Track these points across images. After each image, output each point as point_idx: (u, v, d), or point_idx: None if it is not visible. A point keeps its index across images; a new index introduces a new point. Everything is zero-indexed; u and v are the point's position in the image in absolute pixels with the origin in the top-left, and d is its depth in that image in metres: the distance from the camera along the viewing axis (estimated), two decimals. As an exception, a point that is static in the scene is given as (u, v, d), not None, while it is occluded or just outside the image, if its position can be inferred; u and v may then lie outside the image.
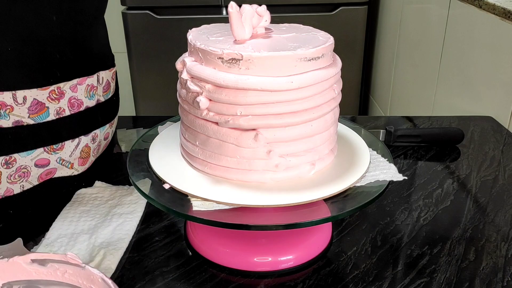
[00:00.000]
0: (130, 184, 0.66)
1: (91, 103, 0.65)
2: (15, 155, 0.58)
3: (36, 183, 0.61)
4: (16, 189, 0.59)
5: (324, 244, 0.56)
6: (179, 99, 0.53)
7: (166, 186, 0.50)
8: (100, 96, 0.67)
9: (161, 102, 1.89)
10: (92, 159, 0.67)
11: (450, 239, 0.58)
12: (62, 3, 0.59)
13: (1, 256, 0.40)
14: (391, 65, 1.71)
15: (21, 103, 0.56)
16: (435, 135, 0.80)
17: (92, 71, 0.65)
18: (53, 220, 0.59)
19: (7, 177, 0.58)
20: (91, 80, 0.65)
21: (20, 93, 0.56)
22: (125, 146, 0.78)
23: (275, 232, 0.54)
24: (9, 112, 0.56)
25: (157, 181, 0.51)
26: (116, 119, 0.73)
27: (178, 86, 0.53)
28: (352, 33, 1.83)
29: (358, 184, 0.50)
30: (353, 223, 0.61)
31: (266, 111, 0.47)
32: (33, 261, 0.40)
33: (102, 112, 0.68)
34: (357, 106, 2.00)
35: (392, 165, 0.54)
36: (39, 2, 0.56)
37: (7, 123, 0.56)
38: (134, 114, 1.99)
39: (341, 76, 0.53)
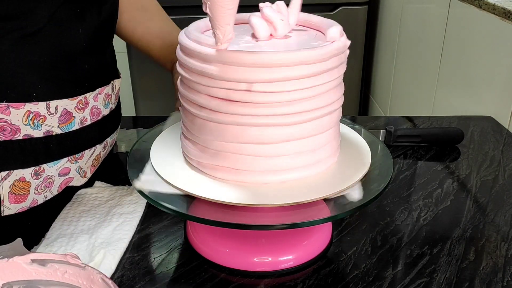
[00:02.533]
0: (130, 184, 0.66)
1: (106, 111, 0.67)
2: (44, 165, 0.59)
3: (56, 192, 0.63)
4: (40, 200, 0.61)
5: (324, 244, 0.56)
6: (180, 99, 0.53)
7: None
8: (113, 104, 0.69)
9: (161, 102, 1.89)
10: (98, 165, 0.69)
11: (450, 239, 0.58)
12: (86, 15, 0.60)
13: (1, 256, 0.40)
14: (391, 65, 1.71)
15: (53, 113, 0.58)
16: (435, 135, 0.80)
17: (108, 80, 0.67)
18: (53, 220, 0.59)
19: (34, 188, 0.59)
20: (108, 89, 0.66)
21: (53, 103, 0.58)
22: (125, 146, 0.78)
23: (275, 232, 0.54)
24: (42, 122, 0.57)
25: (158, 181, 0.51)
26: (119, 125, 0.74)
27: (179, 85, 0.53)
28: (352, 33, 1.83)
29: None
30: (353, 223, 0.61)
31: (272, 112, 0.47)
32: (33, 261, 0.40)
33: (113, 120, 0.70)
34: (357, 106, 2.00)
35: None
36: (67, 16, 0.58)
37: (39, 133, 0.58)
38: (134, 114, 1.99)
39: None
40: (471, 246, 0.57)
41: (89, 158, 0.65)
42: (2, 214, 0.58)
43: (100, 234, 0.56)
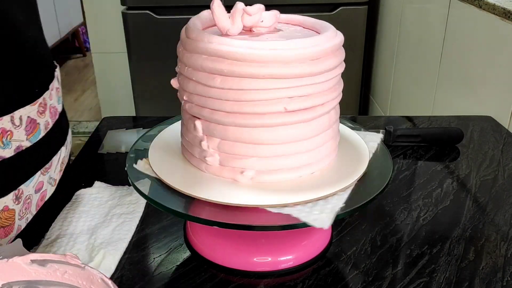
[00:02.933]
0: (130, 184, 0.66)
1: (60, 107, 0.61)
2: (22, 186, 0.53)
3: (34, 212, 0.57)
4: (23, 224, 0.55)
5: (324, 244, 0.56)
6: (179, 96, 0.53)
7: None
8: (61, 96, 0.63)
9: (161, 102, 1.89)
10: (63, 169, 0.63)
11: (449, 238, 0.58)
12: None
13: (1, 257, 0.40)
14: (391, 65, 1.71)
15: (19, 125, 0.51)
16: (434, 134, 0.80)
17: (52, 71, 0.60)
18: (53, 221, 0.59)
19: (18, 213, 0.53)
20: (55, 82, 0.60)
21: (17, 114, 0.50)
22: (125, 146, 0.78)
23: (275, 232, 0.54)
24: (10, 138, 0.50)
25: (157, 181, 0.51)
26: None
27: (179, 83, 0.53)
28: (352, 33, 1.83)
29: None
30: (353, 223, 0.61)
31: (269, 109, 0.47)
32: (33, 261, 0.40)
33: (64, 114, 0.64)
34: (357, 106, 2.00)
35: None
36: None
37: (10, 152, 0.50)
38: (134, 114, 1.99)
39: (341, 76, 0.53)
40: (470, 245, 0.57)
41: (57, 164, 0.60)
42: None
43: (100, 234, 0.56)
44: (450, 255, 0.55)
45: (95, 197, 0.64)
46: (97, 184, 0.67)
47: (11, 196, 0.51)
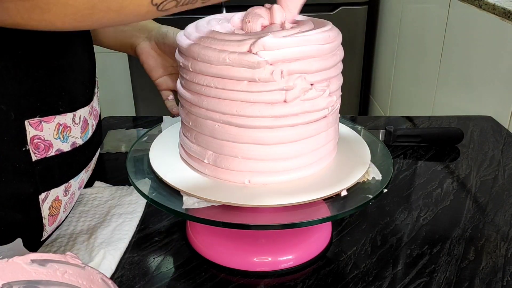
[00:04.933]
0: (130, 184, 0.66)
1: (99, 110, 0.64)
2: (71, 181, 0.56)
3: (71, 207, 0.60)
4: (64, 217, 0.58)
5: (324, 244, 0.56)
6: (179, 99, 0.53)
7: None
8: (99, 100, 0.65)
9: (161, 102, 1.88)
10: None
11: (449, 239, 0.58)
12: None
13: (1, 256, 0.40)
14: (391, 65, 1.71)
15: (77, 123, 0.55)
16: (434, 134, 0.80)
17: (94, 76, 0.63)
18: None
19: (64, 206, 0.56)
20: (96, 87, 0.63)
21: (78, 113, 0.54)
22: (125, 146, 0.78)
23: (275, 232, 0.54)
24: (68, 134, 0.53)
25: (157, 181, 0.51)
26: None
27: (179, 85, 0.53)
28: (352, 33, 1.83)
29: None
30: (353, 223, 0.61)
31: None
32: (33, 261, 0.40)
33: (100, 118, 0.66)
34: (357, 106, 2.00)
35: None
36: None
37: (67, 146, 0.54)
38: (134, 114, 1.99)
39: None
40: (470, 246, 0.57)
41: (94, 164, 0.63)
42: (41, 239, 0.55)
43: (100, 234, 0.56)
44: (450, 255, 0.55)
45: (95, 197, 0.64)
46: (97, 184, 0.67)
47: (62, 188, 0.55)
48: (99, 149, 0.65)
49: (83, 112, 0.55)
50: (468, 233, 0.59)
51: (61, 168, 0.54)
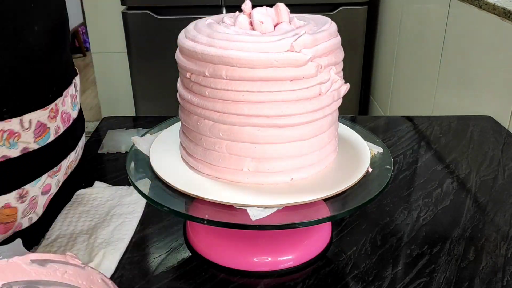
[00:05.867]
0: (130, 184, 0.66)
1: (75, 114, 0.62)
2: (27, 186, 0.54)
3: (40, 213, 0.58)
4: (25, 224, 0.56)
5: (323, 244, 0.56)
6: (179, 99, 0.53)
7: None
8: (78, 104, 0.64)
9: (161, 102, 1.89)
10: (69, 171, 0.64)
11: (449, 238, 0.58)
12: (43, 11, 0.54)
13: (1, 257, 0.40)
14: (391, 65, 1.71)
15: (27, 128, 0.52)
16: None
17: (70, 79, 0.61)
18: (53, 221, 0.59)
19: (22, 212, 0.54)
20: (72, 89, 0.61)
21: (26, 118, 0.52)
22: (125, 146, 0.78)
23: (275, 232, 0.54)
24: (17, 140, 0.51)
25: (157, 181, 0.51)
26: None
27: (179, 85, 0.53)
28: (352, 33, 1.83)
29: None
30: (353, 223, 0.61)
31: (268, 112, 0.47)
32: (33, 261, 0.40)
33: (81, 121, 0.65)
34: (357, 106, 2.00)
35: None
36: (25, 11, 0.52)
37: (16, 152, 0.52)
38: (134, 114, 1.99)
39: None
40: (470, 245, 0.57)
41: (65, 169, 0.61)
42: None
43: (100, 234, 0.56)
44: (450, 255, 0.55)
45: (95, 197, 0.64)
46: (97, 184, 0.67)
47: (14, 194, 0.52)
48: (74, 151, 0.62)
49: (35, 116, 0.53)
50: (468, 233, 0.59)
51: (9, 174, 0.52)
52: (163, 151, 0.56)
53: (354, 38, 1.84)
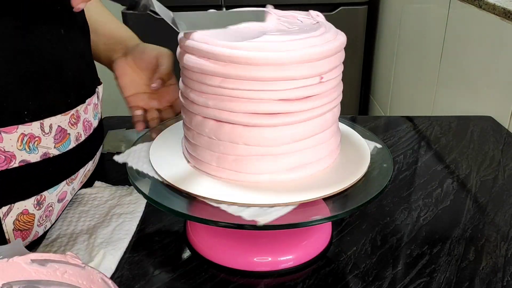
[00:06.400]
0: (130, 184, 0.66)
1: (96, 122, 0.63)
2: (45, 193, 0.54)
3: (54, 220, 0.58)
4: (40, 232, 0.56)
5: (324, 244, 0.56)
6: (181, 99, 0.53)
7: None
8: (99, 113, 0.65)
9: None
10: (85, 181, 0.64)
11: (450, 239, 0.58)
12: (64, 16, 0.55)
13: (1, 256, 0.40)
14: (391, 65, 1.71)
15: (48, 133, 0.52)
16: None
17: (93, 88, 0.62)
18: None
19: (38, 219, 0.54)
20: (95, 98, 0.62)
21: (47, 122, 0.52)
22: (125, 146, 0.78)
23: (275, 232, 0.54)
24: (37, 144, 0.51)
25: (157, 181, 0.51)
26: None
27: (181, 85, 0.53)
28: (352, 33, 1.83)
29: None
30: (353, 223, 0.61)
31: (269, 110, 0.47)
32: (33, 261, 0.40)
33: (100, 130, 0.65)
34: (357, 106, 2.00)
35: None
36: (45, 19, 0.52)
37: (35, 157, 0.52)
38: (134, 114, 1.98)
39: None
40: (471, 246, 0.57)
41: (82, 177, 0.61)
42: None
43: (100, 234, 0.56)
44: (450, 255, 0.55)
45: (95, 197, 0.64)
46: (97, 184, 0.67)
47: (32, 200, 0.52)
48: (92, 160, 0.63)
49: (55, 120, 0.53)
50: (468, 233, 0.59)
51: (28, 180, 0.52)
52: (163, 151, 0.56)
53: (354, 38, 1.84)
